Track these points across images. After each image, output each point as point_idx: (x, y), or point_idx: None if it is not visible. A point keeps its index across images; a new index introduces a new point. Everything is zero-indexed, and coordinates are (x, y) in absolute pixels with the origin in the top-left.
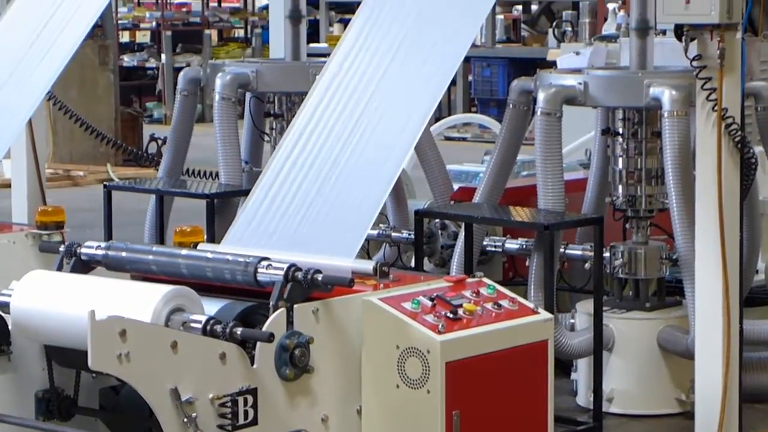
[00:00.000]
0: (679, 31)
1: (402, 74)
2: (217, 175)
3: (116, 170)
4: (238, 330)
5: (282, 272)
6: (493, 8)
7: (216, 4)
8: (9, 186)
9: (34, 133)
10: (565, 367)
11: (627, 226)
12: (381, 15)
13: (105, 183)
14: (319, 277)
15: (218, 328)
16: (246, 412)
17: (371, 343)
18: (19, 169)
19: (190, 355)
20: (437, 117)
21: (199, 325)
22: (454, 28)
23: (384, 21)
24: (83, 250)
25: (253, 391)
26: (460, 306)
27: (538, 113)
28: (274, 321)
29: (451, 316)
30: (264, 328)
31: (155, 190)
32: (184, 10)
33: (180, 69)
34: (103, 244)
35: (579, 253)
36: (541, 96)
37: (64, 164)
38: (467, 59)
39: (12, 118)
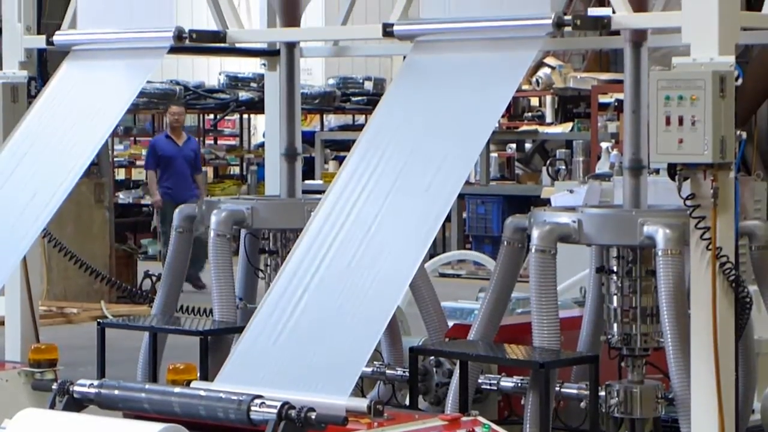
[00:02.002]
0: (672, 170)
1: (396, 212)
2: (211, 311)
3: (110, 307)
4: None
5: (275, 410)
6: (487, 146)
7: (212, 142)
8: (2, 323)
9: (28, 271)
10: None
11: (622, 364)
12: (375, 153)
13: (98, 320)
14: (313, 415)
15: None
16: None
17: None
18: (12, 307)
19: None
20: (432, 253)
21: None
22: (448, 166)
23: (378, 159)
24: (76, 388)
25: None
26: None
27: (533, 251)
28: None
29: None
30: None
31: (149, 327)
32: None
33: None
34: (95, 382)
35: (575, 391)
36: (535, 233)
37: (58, 301)
38: (462, 196)
39: (7, 256)
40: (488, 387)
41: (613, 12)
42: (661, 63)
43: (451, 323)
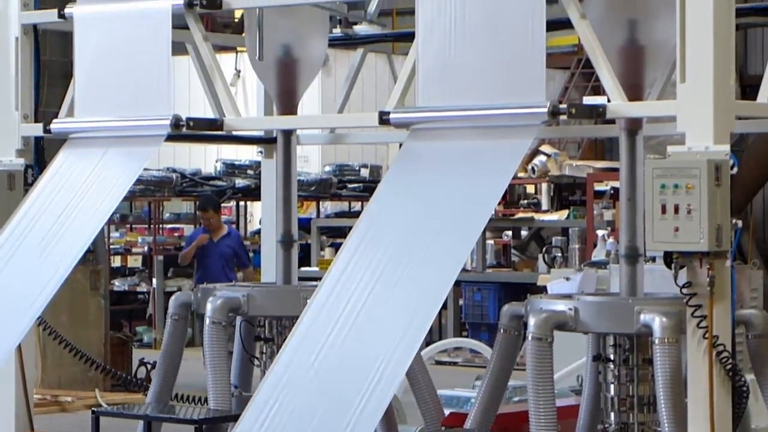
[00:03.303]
0: (668, 258)
1: (392, 299)
2: (206, 400)
3: (105, 395)
4: None
5: None
6: (484, 233)
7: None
8: None
9: (23, 358)
10: None
11: None
12: (372, 240)
13: (93, 408)
14: None
15: None
16: None
17: None
18: (6, 395)
19: None
20: (428, 341)
21: None
22: (444, 254)
23: (375, 247)
24: None
25: None
26: None
27: (529, 338)
28: None
29: None
30: None
31: (143, 415)
32: (176, 234)
33: (171, 293)
34: None
35: None
36: (531, 321)
37: (53, 389)
38: (458, 283)
39: (1, 343)
40: None
41: (609, 101)
42: (657, 151)
43: (447, 411)
